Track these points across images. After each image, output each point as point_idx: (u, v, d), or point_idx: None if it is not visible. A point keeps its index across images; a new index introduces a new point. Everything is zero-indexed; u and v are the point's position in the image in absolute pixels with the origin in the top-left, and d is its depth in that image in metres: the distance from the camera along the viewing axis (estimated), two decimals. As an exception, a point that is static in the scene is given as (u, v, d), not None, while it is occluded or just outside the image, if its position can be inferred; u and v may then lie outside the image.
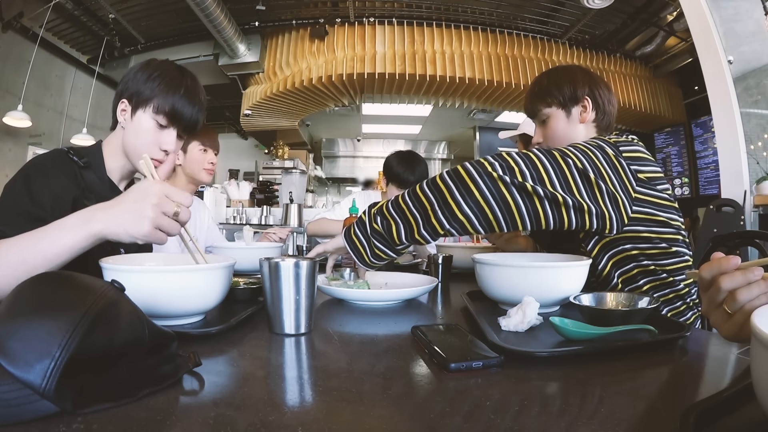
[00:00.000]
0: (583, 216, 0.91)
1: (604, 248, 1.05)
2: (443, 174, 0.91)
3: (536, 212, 0.88)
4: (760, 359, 0.35)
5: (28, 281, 0.48)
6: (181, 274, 0.71)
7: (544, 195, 0.87)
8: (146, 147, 1.00)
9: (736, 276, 0.51)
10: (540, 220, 0.89)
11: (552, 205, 0.88)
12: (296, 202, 3.81)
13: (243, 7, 4.29)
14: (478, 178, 0.86)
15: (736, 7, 3.13)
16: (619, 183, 0.97)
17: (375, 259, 0.97)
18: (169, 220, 0.69)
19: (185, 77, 1.04)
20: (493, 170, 0.86)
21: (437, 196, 0.89)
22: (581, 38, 4.88)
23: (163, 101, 0.99)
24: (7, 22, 3.99)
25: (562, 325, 0.67)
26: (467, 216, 0.87)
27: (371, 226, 0.95)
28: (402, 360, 0.62)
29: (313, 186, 7.78)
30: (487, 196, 0.86)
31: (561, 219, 0.90)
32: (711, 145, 4.90)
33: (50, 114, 4.71)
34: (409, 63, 4.53)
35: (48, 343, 0.40)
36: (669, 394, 0.53)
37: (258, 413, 0.43)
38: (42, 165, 0.94)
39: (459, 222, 0.88)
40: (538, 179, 0.88)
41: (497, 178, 0.86)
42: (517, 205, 0.87)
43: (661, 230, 1.03)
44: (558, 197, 0.88)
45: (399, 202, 0.94)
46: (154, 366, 0.50)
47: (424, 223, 0.90)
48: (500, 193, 0.86)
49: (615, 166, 0.98)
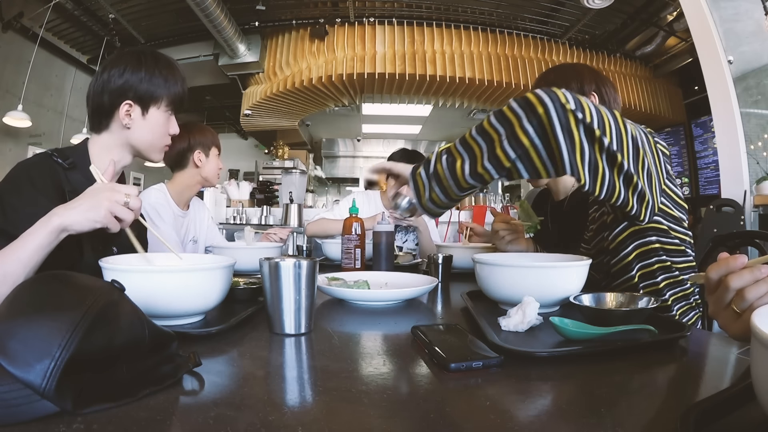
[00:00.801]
0: (628, 189, 0.86)
1: (631, 236, 1.04)
2: (511, 102, 0.83)
3: (595, 165, 0.81)
4: (760, 359, 0.35)
5: (28, 281, 0.48)
6: (181, 274, 0.71)
7: (607, 147, 0.80)
8: (161, 137, 1.09)
9: (744, 274, 0.51)
10: (596, 177, 0.82)
11: (610, 164, 0.82)
12: (296, 202, 3.81)
13: (243, 7, 4.29)
14: (550, 107, 0.78)
15: (736, 7, 3.13)
16: (655, 171, 0.93)
17: (431, 203, 0.92)
18: (122, 207, 0.78)
19: (172, 64, 1.10)
20: (566, 102, 0.78)
21: (505, 125, 0.82)
22: (581, 38, 4.88)
23: (173, 95, 1.07)
24: (7, 22, 3.99)
25: (562, 325, 0.67)
26: (533, 144, 0.79)
27: (434, 167, 0.90)
28: (402, 360, 0.62)
29: (313, 186, 7.78)
30: (556, 127, 0.78)
31: (613, 184, 0.84)
32: (711, 145, 4.90)
33: (50, 114, 4.71)
34: (409, 63, 4.53)
35: (48, 343, 0.40)
36: (669, 394, 0.53)
37: (258, 413, 0.43)
38: (18, 182, 0.93)
39: (524, 150, 0.80)
40: (601, 128, 0.80)
41: (570, 111, 0.78)
42: (582, 148, 0.79)
43: (675, 227, 1.04)
44: (616, 155, 0.81)
45: (466, 136, 0.88)
46: (154, 366, 0.50)
47: (489, 154, 0.83)
48: (569, 128, 0.78)
49: (654, 154, 0.94)
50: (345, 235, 1.46)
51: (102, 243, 1.01)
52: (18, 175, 0.95)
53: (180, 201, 1.76)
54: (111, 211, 0.78)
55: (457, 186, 0.87)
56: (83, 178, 1.00)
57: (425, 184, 0.91)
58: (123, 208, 0.79)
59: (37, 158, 1.00)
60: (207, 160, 1.78)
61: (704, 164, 5.10)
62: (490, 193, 5.72)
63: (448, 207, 0.93)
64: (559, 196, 1.64)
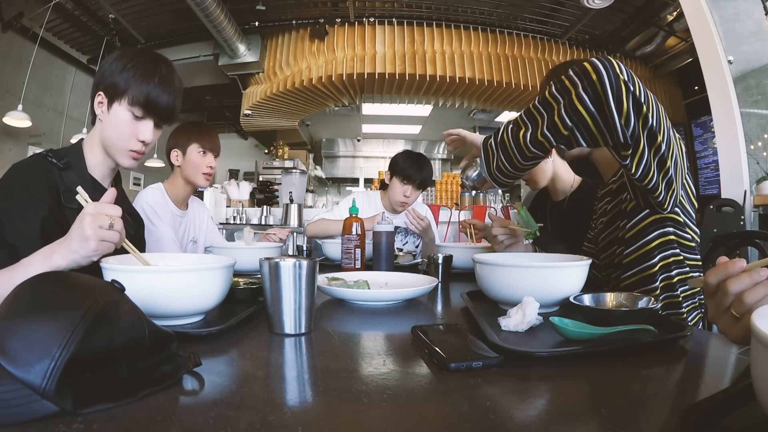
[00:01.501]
0: (660, 172, 0.89)
1: (653, 225, 1.04)
2: (569, 71, 0.86)
3: (637, 140, 0.84)
4: (760, 359, 0.35)
5: (28, 281, 0.48)
6: (181, 274, 0.71)
7: (650, 125, 0.83)
8: (124, 139, 1.00)
9: (743, 278, 0.51)
10: (636, 154, 0.85)
11: (649, 142, 0.84)
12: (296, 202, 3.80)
13: (243, 7, 4.29)
14: (603, 74, 0.80)
15: (736, 7, 3.13)
16: (681, 160, 0.95)
17: (498, 173, 0.98)
18: (107, 231, 0.75)
19: (160, 65, 1.01)
20: (620, 72, 0.81)
21: (563, 94, 0.85)
22: (581, 38, 4.88)
23: (137, 92, 0.98)
24: (7, 22, 3.99)
25: (562, 325, 0.67)
26: (589, 111, 0.82)
27: (501, 136, 0.95)
28: (402, 360, 0.62)
29: (313, 186, 7.77)
30: (608, 93, 0.80)
31: (648, 164, 0.87)
32: (711, 145, 4.90)
33: (50, 114, 4.71)
34: (409, 63, 4.53)
35: (48, 343, 0.40)
36: (669, 394, 0.53)
37: (258, 413, 0.43)
38: (11, 187, 0.92)
39: (580, 117, 0.83)
40: (647, 105, 0.83)
41: (622, 81, 0.80)
42: (628, 119, 0.81)
43: (689, 222, 1.05)
44: (656, 135, 0.84)
45: (530, 106, 0.92)
46: (154, 366, 0.50)
47: (549, 122, 0.86)
48: (619, 96, 0.80)
49: (679, 144, 0.96)
50: (345, 235, 1.46)
51: None
52: (11, 179, 0.93)
53: (177, 200, 1.75)
54: (100, 239, 0.75)
55: (521, 154, 0.92)
56: (78, 177, 1.00)
57: (494, 153, 0.96)
58: (109, 232, 0.76)
59: (30, 160, 0.98)
60: (185, 159, 1.71)
61: (704, 164, 5.10)
62: (490, 193, 5.72)
63: (515, 177, 0.97)
64: (558, 196, 1.64)
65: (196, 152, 1.71)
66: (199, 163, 1.71)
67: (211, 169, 1.74)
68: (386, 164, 2.31)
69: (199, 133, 1.73)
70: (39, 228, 0.88)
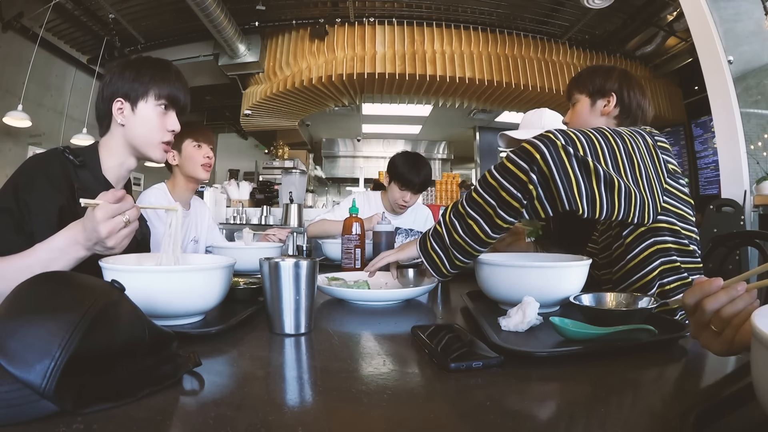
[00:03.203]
0: (629, 203, 0.91)
1: (649, 232, 1.05)
2: (510, 154, 0.90)
3: (592, 195, 0.87)
4: (760, 359, 0.35)
5: (28, 281, 0.48)
6: (181, 274, 0.71)
7: (603, 175, 0.87)
8: (155, 133, 1.08)
9: (720, 296, 0.52)
10: (595, 205, 0.88)
11: (606, 189, 0.88)
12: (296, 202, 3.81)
13: (243, 7, 4.29)
14: (543, 148, 0.85)
15: (736, 7, 3.13)
16: (654, 172, 1.00)
17: (452, 269, 0.97)
18: (124, 233, 0.77)
19: (170, 65, 1.12)
20: (556, 139, 0.86)
21: (506, 176, 0.89)
22: (581, 38, 4.88)
23: (160, 89, 1.07)
24: (7, 22, 3.99)
25: (562, 325, 0.67)
26: (536, 187, 0.86)
27: (450, 237, 0.94)
28: (402, 360, 0.62)
29: (313, 186, 7.77)
30: (552, 167, 0.85)
31: (612, 205, 0.89)
32: (711, 145, 4.90)
33: (50, 114, 4.70)
34: (409, 63, 4.53)
35: (48, 343, 0.40)
36: (669, 394, 0.53)
37: (258, 413, 0.43)
38: (32, 175, 0.96)
39: (529, 194, 0.87)
40: (594, 155, 0.89)
41: (561, 147, 0.85)
42: (578, 182, 0.86)
43: (685, 225, 1.05)
44: (613, 179, 0.88)
45: (472, 195, 0.94)
46: (154, 366, 0.50)
47: (500, 204, 0.89)
48: (563, 165, 0.85)
49: (652, 155, 1.01)
50: (345, 235, 1.45)
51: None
52: (31, 169, 0.97)
53: (180, 200, 1.75)
54: (119, 243, 0.77)
55: (481, 242, 0.92)
56: (93, 177, 1.04)
57: (442, 257, 0.97)
58: (125, 232, 0.77)
59: (49, 153, 1.02)
60: (182, 156, 1.73)
61: (704, 164, 5.10)
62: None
63: (468, 266, 0.97)
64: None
65: (191, 147, 1.73)
66: (196, 156, 1.73)
67: (209, 159, 1.75)
68: (386, 164, 2.30)
69: (191, 129, 1.76)
70: (56, 217, 0.91)
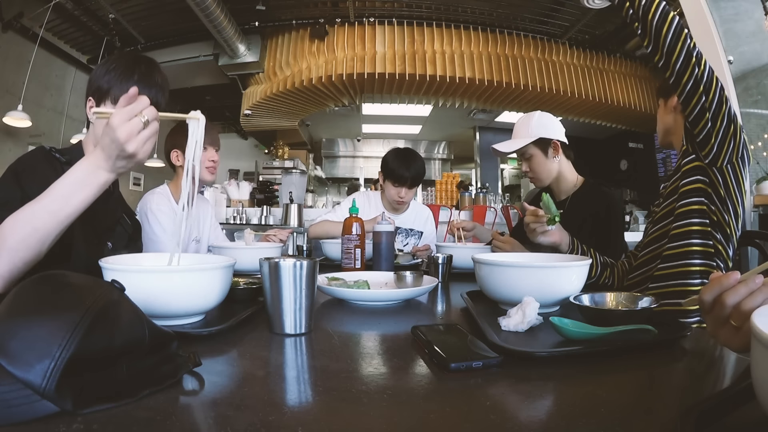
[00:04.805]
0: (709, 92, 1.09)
1: (697, 212, 1.10)
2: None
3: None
4: (760, 359, 0.35)
5: (28, 281, 0.48)
6: (181, 274, 0.71)
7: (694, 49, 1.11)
8: None
9: (740, 289, 0.51)
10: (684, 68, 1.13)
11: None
12: (296, 202, 3.81)
13: (243, 7, 4.28)
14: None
15: (736, 7, 3.13)
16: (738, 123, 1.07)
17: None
18: (144, 134, 0.76)
19: (139, 64, 1.06)
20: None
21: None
22: (581, 38, 4.88)
23: (119, 90, 1.01)
24: (7, 22, 3.99)
25: (562, 325, 0.67)
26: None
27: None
28: (402, 360, 0.62)
29: (313, 186, 7.77)
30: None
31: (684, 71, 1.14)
32: (711, 145, 4.89)
33: (50, 114, 4.70)
34: (409, 63, 4.53)
35: (48, 343, 0.40)
36: (669, 394, 0.53)
37: (258, 413, 0.43)
38: (30, 162, 0.96)
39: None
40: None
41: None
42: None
43: (727, 219, 1.10)
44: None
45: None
46: (154, 366, 0.50)
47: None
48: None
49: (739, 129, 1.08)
50: (345, 235, 1.46)
51: (96, 236, 1.02)
52: (28, 160, 0.97)
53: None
54: (141, 147, 0.76)
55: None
56: None
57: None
58: (145, 133, 0.76)
59: (36, 151, 1.02)
60: (185, 156, 1.73)
61: (704, 164, 5.09)
62: (491, 193, 5.72)
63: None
64: (560, 196, 1.65)
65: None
66: (202, 158, 1.71)
67: (213, 162, 1.75)
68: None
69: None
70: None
